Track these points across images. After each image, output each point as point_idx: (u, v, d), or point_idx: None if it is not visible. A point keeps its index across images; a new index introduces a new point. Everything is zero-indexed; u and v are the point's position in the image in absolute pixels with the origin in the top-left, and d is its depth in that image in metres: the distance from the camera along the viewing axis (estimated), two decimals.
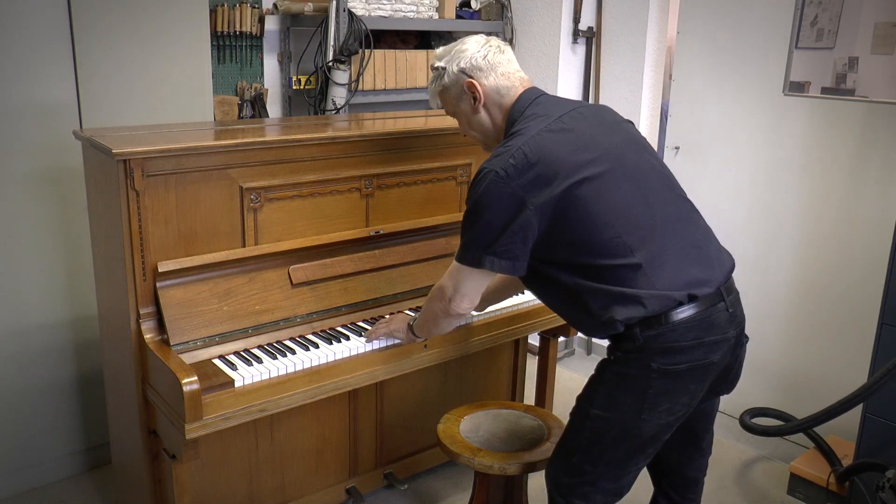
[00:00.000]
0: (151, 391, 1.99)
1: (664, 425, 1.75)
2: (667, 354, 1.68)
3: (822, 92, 2.87)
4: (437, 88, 1.94)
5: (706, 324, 1.70)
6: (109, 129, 2.30)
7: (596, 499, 1.83)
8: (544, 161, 1.68)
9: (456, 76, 1.87)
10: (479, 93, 1.85)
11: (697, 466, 2.03)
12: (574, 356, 3.94)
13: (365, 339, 2.11)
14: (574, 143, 1.72)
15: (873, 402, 2.42)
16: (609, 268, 1.68)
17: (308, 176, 2.23)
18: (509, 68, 1.87)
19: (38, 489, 2.69)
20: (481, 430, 2.23)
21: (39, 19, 2.41)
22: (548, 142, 1.71)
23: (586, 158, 1.70)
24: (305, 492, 2.46)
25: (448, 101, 1.94)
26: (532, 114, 1.80)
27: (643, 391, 1.71)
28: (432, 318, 1.95)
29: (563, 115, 1.78)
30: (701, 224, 1.84)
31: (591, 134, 1.76)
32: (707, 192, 3.27)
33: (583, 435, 1.80)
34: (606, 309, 1.69)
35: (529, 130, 1.74)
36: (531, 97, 1.84)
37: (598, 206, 1.67)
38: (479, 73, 1.85)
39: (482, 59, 1.85)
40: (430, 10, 3.61)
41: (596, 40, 3.73)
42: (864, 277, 2.82)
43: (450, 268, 1.83)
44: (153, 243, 1.98)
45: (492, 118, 1.89)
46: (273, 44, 3.34)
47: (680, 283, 1.69)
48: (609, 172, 1.70)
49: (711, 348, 1.72)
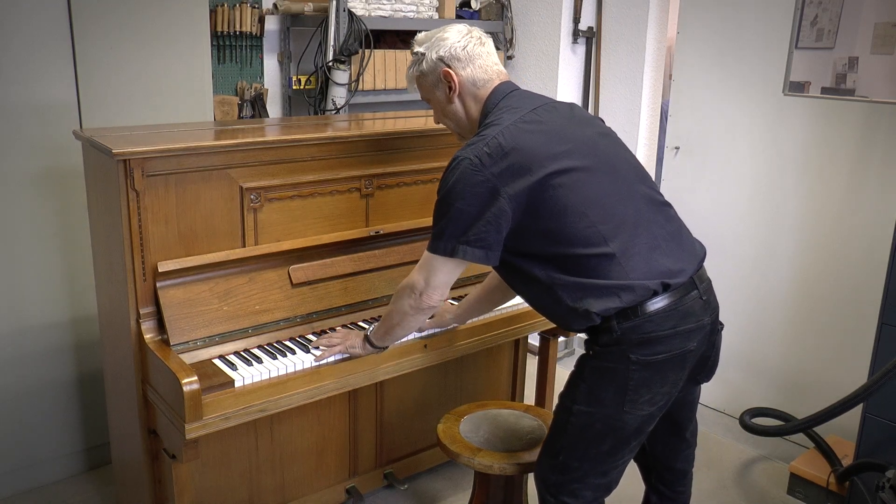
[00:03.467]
0: (151, 391, 1.99)
1: (647, 416, 1.76)
2: (645, 345, 1.70)
3: (822, 92, 2.87)
4: (414, 73, 1.95)
5: (681, 312, 1.72)
6: (109, 129, 2.30)
7: (585, 495, 1.83)
8: (518, 150, 1.69)
9: (434, 63, 1.88)
10: (454, 83, 1.87)
11: (684, 458, 2.04)
12: (574, 356, 3.94)
13: (314, 359, 2.00)
14: (548, 134, 1.74)
15: (873, 402, 2.42)
16: (582, 257, 1.69)
17: (308, 176, 2.23)
18: (487, 61, 1.89)
19: (38, 489, 2.69)
20: (481, 430, 2.23)
21: (39, 19, 2.41)
22: (522, 132, 1.72)
23: (560, 150, 1.71)
24: (305, 492, 2.46)
25: (424, 87, 1.96)
26: (506, 105, 1.81)
27: (624, 384, 1.72)
28: (400, 318, 1.91)
29: (537, 108, 1.80)
30: (673, 215, 1.86)
31: (564, 126, 1.78)
32: (707, 191, 3.27)
33: (567, 431, 1.80)
34: (581, 301, 1.70)
35: (504, 121, 1.75)
36: (506, 90, 1.87)
37: (572, 197, 1.69)
38: (457, 62, 1.86)
39: (461, 50, 1.86)
40: (430, 10, 3.61)
41: (596, 40, 3.73)
42: (864, 277, 2.82)
43: (420, 261, 1.83)
44: (153, 243, 1.98)
45: (466, 109, 1.90)
46: (273, 44, 3.34)
47: (653, 272, 1.71)
48: (582, 164, 1.72)
49: (688, 336, 1.74)
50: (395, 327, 1.96)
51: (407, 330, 1.98)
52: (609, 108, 3.75)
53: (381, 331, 2.00)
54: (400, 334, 2.01)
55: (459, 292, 2.43)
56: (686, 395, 1.92)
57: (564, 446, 1.82)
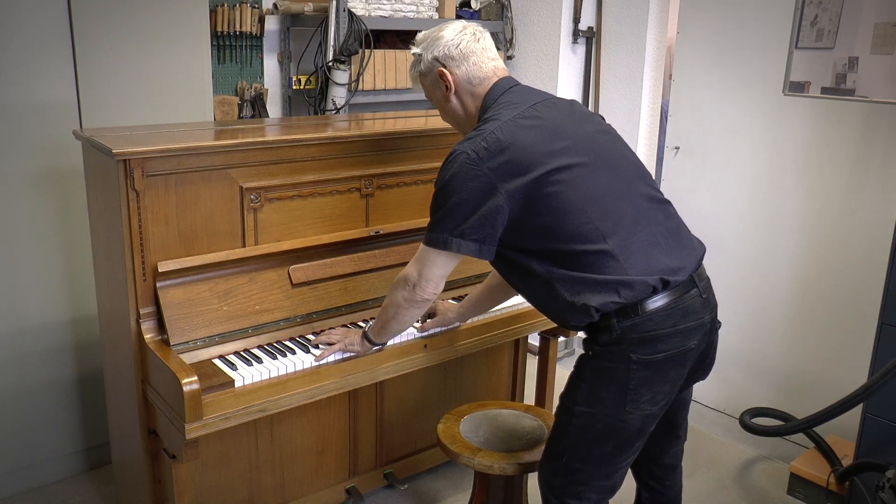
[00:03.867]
0: (151, 391, 1.99)
1: (649, 416, 1.76)
2: (645, 344, 1.69)
3: (822, 92, 2.87)
4: (415, 74, 1.96)
5: (682, 310, 1.72)
6: (109, 129, 2.30)
7: (590, 497, 1.83)
8: (516, 147, 1.69)
9: (430, 64, 1.89)
10: (449, 82, 1.87)
11: (673, 454, 2.04)
12: (574, 356, 3.94)
13: (314, 359, 2.01)
14: (547, 130, 1.74)
15: (873, 402, 2.42)
16: (580, 254, 1.69)
17: (308, 176, 2.23)
18: (483, 57, 1.88)
19: (38, 489, 2.69)
20: (481, 430, 2.23)
21: (39, 19, 2.41)
22: (521, 129, 1.72)
23: (559, 146, 1.71)
24: (305, 492, 2.46)
25: (425, 87, 1.97)
26: (505, 101, 1.81)
27: (624, 383, 1.71)
28: (394, 310, 1.91)
29: (537, 104, 1.80)
30: (672, 213, 1.85)
31: (563, 123, 1.78)
32: (707, 191, 3.27)
33: (569, 433, 1.80)
34: (579, 295, 1.70)
35: (502, 116, 1.75)
36: (505, 86, 1.86)
37: (570, 194, 1.68)
38: (451, 62, 1.87)
39: (455, 49, 1.86)
40: (430, 10, 3.61)
41: (596, 40, 3.73)
42: (864, 277, 2.82)
43: (416, 255, 1.83)
44: (153, 243, 1.98)
45: (464, 106, 1.90)
46: (273, 44, 3.34)
47: (652, 269, 1.70)
48: (582, 160, 1.72)
49: (689, 334, 1.73)
50: (390, 321, 1.95)
51: (402, 324, 1.96)
52: (609, 108, 3.75)
53: (377, 326, 2.00)
54: (396, 329, 1.99)
55: (459, 292, 2.43)
56: (683, 393, 1.92)
57: (567, 448, 1.81)
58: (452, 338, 2.25)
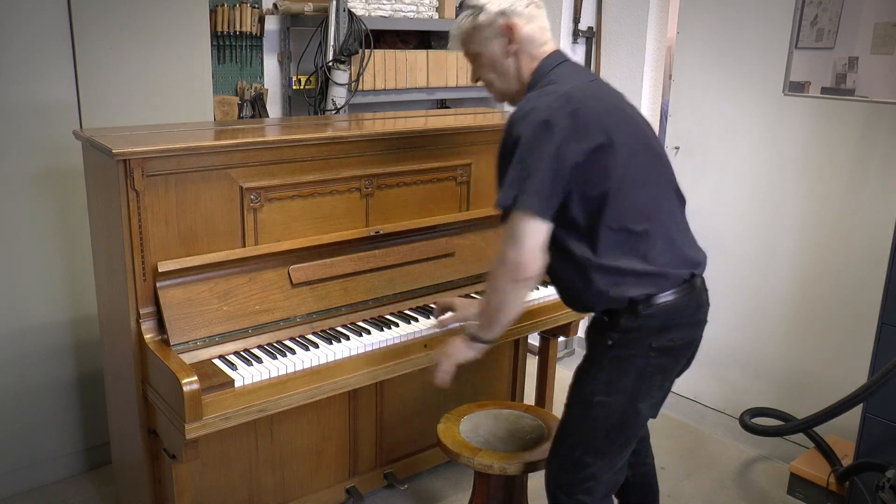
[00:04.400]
0: (151, 391, 1.99)
1: (654, 403, 1.82)
2: (664, 332, 1.75)
3: (821, 92, 2.87)
4: (467, 26, 1.87)
5: (696, 302, 1.80)
6: (109, 129, 2.30)
7: (599, 490, 1.85)
8: (584, 112, 1.69)
9: (494, 16, 1.83)
10: (515, 36, 1.83)
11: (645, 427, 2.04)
12: (574, 356, 3.93)
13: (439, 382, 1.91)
14: (608, 105, 1.76)
15: (873, 402, 2.42)
16: (624, 232, 1.71)
17: (308, 176, 2.23)
18: (544, 23, 1.89)
19: (38, 489, 2.69)
20: (481, 430, 2.23)
21: (39, 19, 2.41)
22: (587, 98, 1.73)
23: (615, 122, 1.73)
24: (305, 492, 2.46)
25: (473, 41, 1.88)
26: (562, 72, 1.81)
27: (642, 370, 1.76)
28: (500, 300, 1.75)
29: (594, 80, 1.84)
30: (684, 209, 1.91)
31: (619, 104, 1.81)
32: (707, 191, 3.27)
33: (584, 426, 1.81)
34: (615, 287, 1.72)
35: (568, 82, 1.75)
36: (560, 58, 1.86)
37: (624, 171, 1.71)
38: (519, 18, 1.83)
39: (524, 7, 1.84)
40: (430, 10, 3.61)
41: (596, 40, 3.73)
42: (864, 277, 2.82)
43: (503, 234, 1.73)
44: (153, 243, 1.98)
45: (519, 66, 1.86)
46: (273, 44, 3.34)
47: (686, 262, 1.78)
48: (633, 143, 1.75)
49: (698, 326, 1.83)
50: (498, 313, 1.79)
51: (511, 313, 1.78)
52: None
53: (485, 322, 1.85)
54: (506, 320, 1.80)
55: (460, 292, 2.43)
56: None
57: (580, 441, 1.82)
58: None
